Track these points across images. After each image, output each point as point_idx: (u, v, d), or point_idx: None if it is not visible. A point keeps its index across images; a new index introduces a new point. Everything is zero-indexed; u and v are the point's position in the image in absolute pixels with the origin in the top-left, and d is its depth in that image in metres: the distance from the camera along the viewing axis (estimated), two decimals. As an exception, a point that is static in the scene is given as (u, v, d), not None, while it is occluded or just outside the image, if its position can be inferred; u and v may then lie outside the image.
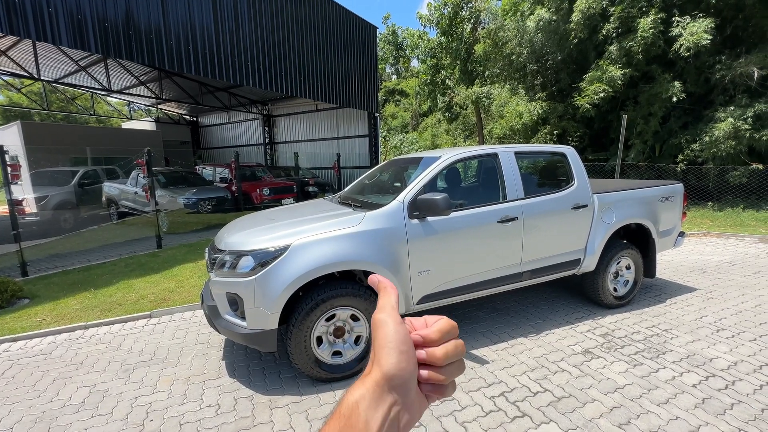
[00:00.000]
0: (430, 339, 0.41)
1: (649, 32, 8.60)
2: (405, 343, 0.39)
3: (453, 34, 16.59)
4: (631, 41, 8.86)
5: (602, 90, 9.21)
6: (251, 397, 2.64)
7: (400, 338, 0.39)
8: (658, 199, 4.04)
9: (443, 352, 0.41)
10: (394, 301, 0.43)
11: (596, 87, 9.27)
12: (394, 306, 0.43)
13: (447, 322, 0.43)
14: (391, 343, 0.39)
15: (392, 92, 31.77)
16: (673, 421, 2.25)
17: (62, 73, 12.55)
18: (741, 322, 3.53)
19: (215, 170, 11.61)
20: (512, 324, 3.62)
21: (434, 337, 0.41)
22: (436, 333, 0.42)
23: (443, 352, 0.41)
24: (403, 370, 0.38)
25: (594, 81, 9.43)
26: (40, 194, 9.73)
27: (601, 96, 9.26)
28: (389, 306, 0.43)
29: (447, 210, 2.77)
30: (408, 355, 0.39)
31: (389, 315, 0.41)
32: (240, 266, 2.61)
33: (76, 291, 4.76)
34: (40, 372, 3.05)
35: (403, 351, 0.39)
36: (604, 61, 9.42)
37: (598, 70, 9.44)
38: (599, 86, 9.23)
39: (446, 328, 0.42)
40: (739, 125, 7.98)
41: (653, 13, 8.68)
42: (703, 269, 5.15)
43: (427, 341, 0.42)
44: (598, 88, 9.24)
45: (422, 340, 0.42)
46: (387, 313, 0.42)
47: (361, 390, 0.38)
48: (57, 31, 5.90)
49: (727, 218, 8.25)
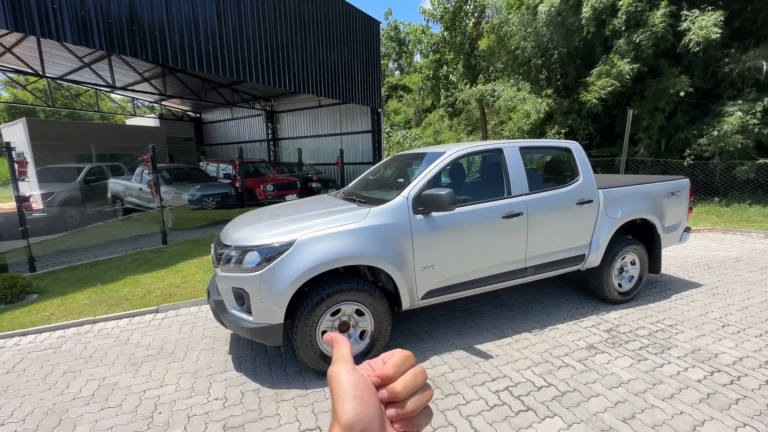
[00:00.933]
0: (387, 376, 0.41)
1: (659, 26, 8.48)
2: (358, 388, 0.38)
3: (456, 28, 16.47)
4: (641, 35, 8.75)
5: (610, 85, 9.11)
6: (258, 390, 2.67)
7: (352, 385, 0.38)
8: (664, 195, 4.01)
9: (401, 385, 0.40)
10: (346, 352, 0.43)
11: (603, 82, 9.17)
12: (345, 357, 0.42)
13: (400, 354, 0.43)
14: (344, 392, 0.38)
15: (395, 88, 31.64)
16: (677, 416, 2.26)
17: (66, 69, 12.60)
18: (747, 317, 3.52)
19: (219, 166, 11.64)
20: (516, 319, 3.63)
21: (390, 372, 0.41)
22: (391, 368, 0.41)
23: (401, 385, 0.40)
24: (359, 416, 0.37)
25: (602, 75, 9.32)
26: (47, 191, 9.81)
27: (608, 91, 9.17)
28: (341, 358, 0.42)
29: (452, 205, 2.77)
30: (363, 400, 0.38)
31: (340, 366, 0.41)
32: (246, 261, 2.63)
33: (83, 286, 4.82)
34: (50, 365, 3.10)
35: (356, 397, 0.38)
36: (613, 55, 9.31)
37: (607, 64, 9.33)
38: (607, 81, 9.13)
39: (399, 360, 0.42)
40: (747, 119, 7.88)
41: (663, 6, 8.55)
42: (709, 265, 5.12)
43: (384, 379, 0.41)
44: (606, 82, 9.13)
45: (380, 380, 0.41)
46: (338, 365, 0.41)
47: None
48: (61, 27, 5.91)
49: (734, 214, 8.18)
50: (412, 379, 0.41)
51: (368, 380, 0.40)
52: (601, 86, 9.19)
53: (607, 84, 9.12)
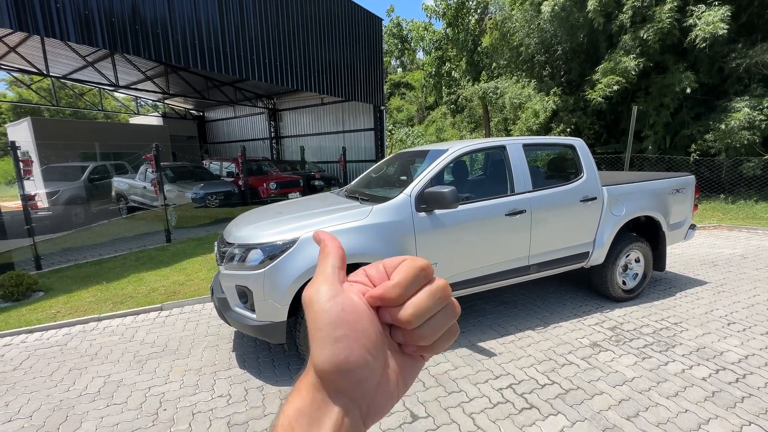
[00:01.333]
0: (389, 299, 0.29)
1: (666, 21, 8.38)
2: (341, 325, 0.28)
3: (459, 25, 16.38)
4: (648, 30, 8.64)
5: (615, 82, 9.02)
6: (261, 387, 2.69)
7: (332, 320, 0.28)
8: (669, 192, 3.98)
9: (411, 311, 0.29)
10: (330, 267, 0.31)
11: (609, 80, 9.07)
12: (328, 273, 0.30)
13: (408, 266, 0.30)
14: (321, 331, 0.28)
15: (398, 85, 31.56)
16: (682, 414, 2.25)
17: (70, 69, 12.66)
18: (753, 315, 3.49)
19: (222, 165, 11.68)
20: (520, 317, 3.62)
21: (393, 294, 0.29)
22: (395, 288, 0.29)
23: (411, 311, 0.29)
24: (343, 364, 0.27)
25: (607, 72, 9.22)
26: (52, 189, 9.88)
27: (614, 89, 9.06)
28: (321, 276, 0.30)
29: (454, 203, 2.76)
30: (349, 340, 0.27)
31: (317, 289, 0.29)
32: (249, 259, 2.64)
33: (88, 284, 4.85)
34: (57, 362, 3.13)
35: (338, 337, 0.27)
36: (618, 52, 9.21)
37: (611, 61, 9.23)
38: (612, 78, 9.03)
39: (408, 275, 0.29)
40: (754, 115, 7.79)
41: (670, 0, 8.45)
42: (714, 262, 5.08)
43: (387, 301, 0.29)
44: (611, 80, 9.04)
45: (380, 302, 0.30)
46: (315, 288, 0.30)
47: (297, 402, 0.28)
48: (65, 26, 5.94)
49: (740, 211, 8.11)
50: (427, 302, 0.29)
51: (360, 306, 0.29)
52: (606, 84, 9.11)
53: (612, 81, 9.03)
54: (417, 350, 0.31)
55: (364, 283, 0.32)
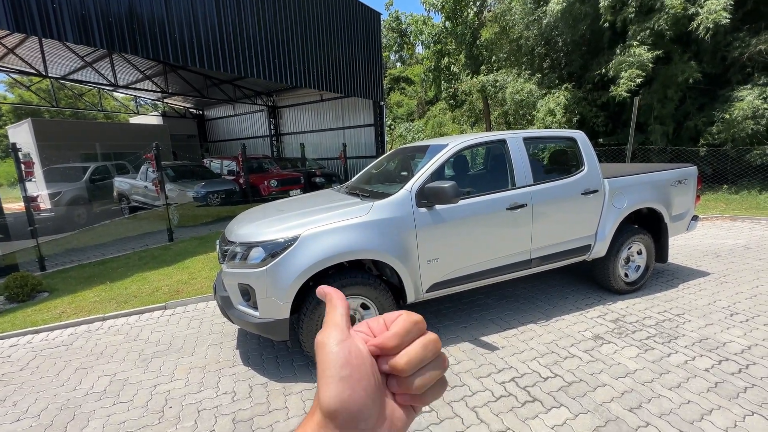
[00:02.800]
0: (387, 347, 0.34)
1: (679, 7, 8.22)
2: (348, 366, 0.32)
3: (458, 18, 16.23)
4: (658, 20, 8.48)
5: (636, 75, 8.85)
6: (265, 384, 2.71)
7: (340, 361, 0.32)
8: (671, 183, 3.96)
9: (406, 359, 0.33)
10: (339, 316, 0.35)
11: (630, 73, 8.89)
12: (338, 322, 0.35)
13: (406, 321, 0.35)
14: (329, 370, 0.32)
15: (397, 80, 31.36)
16: (685, 405, 2.25)
17: (69, 69, 12.65)
18: (756, 306, 3.48)
19: (223, 163, 11.68)
20: (522, 311, 3.62)
21: (391, 343, 0.34)
22: (394, 339, 0.34)
23: (406, 359, 0.33)
24: (345, 402, 0.31)
25: (623, 65, 9.04)
26: (54, 190, 9.93)
27: (637, 82, 8.89)
28: (331, 323, 0.35)
29: (455, 198, 2.75)
30: (353, 381, 0.31)
31: (329, 334, 0.34)
32: (251, 257, 2.65)
33: (92, 284, 4.89)
34: (63, 362, 3.16)
35: (344, 377, 0.31)
36: (631, 42, 9.02)
37: (625, 54, 9.06)
38: (633, 72, 8.85)
39: (404, 327, 0.34)
40: (758, 104, 7.71)
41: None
42: (717, 253, 5.06)
43: (385, 351, 0.34)
44: (632, 73, 8.85)
45: (379, 350, 0.34)
46: (327, 333, 0.34)
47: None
48: (62, 27, 5.92)
49: (743, 201, 8.06)
50: (420, 352, 0.33)
51: (364, 352, 0.33)
52: (628, 77, 8.93)
53: (633, 75, 8.86)
54: (409, 400, 0.35)
55: (366, 333, 0.36)
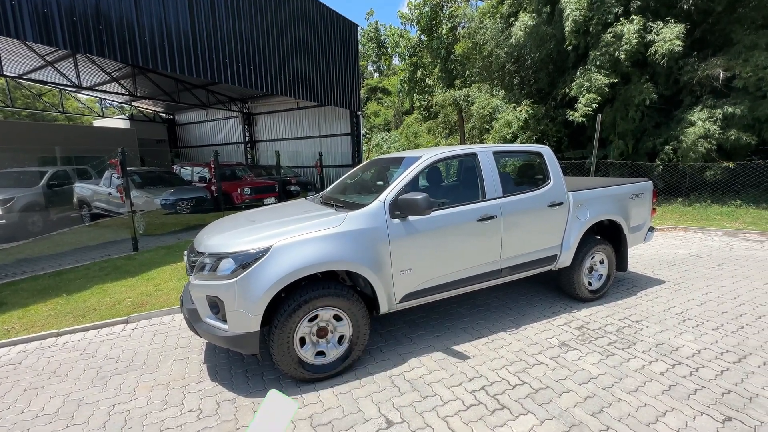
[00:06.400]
0: None
1: (633, 42, 8.84)
2: None
3: (433, 32, 16.71)
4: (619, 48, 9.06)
5: (593, 100, 9.42)
6: (234, 400, 2.62)
7: None
8: (629, 196, 4.22)
9: None
10: None
11: (587, 99, 9.44)
12: None
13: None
14: None
15: (374, 90, 31.72)
16: (642, 408, 2.37)
17: (27, 68, 11.97)
18: (705, 312, 3.74)
19: (194, 170, 11.33)
20: (492, 319, 3.71)
21: None
22: None
23: None
24: None
25: (583, 88, 9.59)
26: (6, 196, 9.25)
27: (593, 107, 9.46)
28: None
29: (428, 209, 2.81)
30: None
31: None
32: (220, 269, 2.58)
33: (46, 297, 4.58)
34: (10, 383, 2.93)
35: None
36: (590, 67, 9.60)
37: (584, 77, 9.63)
38: (590, 97, 9.41)
39: None
40: (708, 127, 8.38)
41: (637, 21, 8.94)
42: (672, 262, 5.40)
43: None
44: (589, 99, 9.41)
45: None
46: None
47: None
48: (21, 25, 5.62)
49: (695, 213, 8.67)
50: None
51: None
52: (584, 103, 9.49)
53: (590, 100, 9.43)
54: None
55: None
